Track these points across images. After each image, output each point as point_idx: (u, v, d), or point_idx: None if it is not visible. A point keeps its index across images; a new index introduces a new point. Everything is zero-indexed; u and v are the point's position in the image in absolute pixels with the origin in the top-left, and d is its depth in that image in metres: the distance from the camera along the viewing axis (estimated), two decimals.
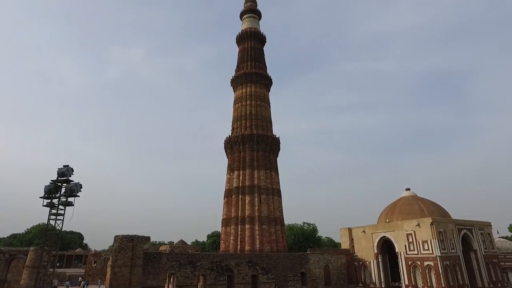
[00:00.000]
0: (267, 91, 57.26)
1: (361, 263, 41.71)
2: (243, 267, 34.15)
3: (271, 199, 48.64)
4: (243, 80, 55.40)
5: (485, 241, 41.32)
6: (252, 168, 49.20)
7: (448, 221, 38.57)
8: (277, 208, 48.89)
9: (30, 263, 27.83)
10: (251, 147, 50.28)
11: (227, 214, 48.41)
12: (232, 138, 51.97)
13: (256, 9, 63.21)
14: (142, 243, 30.34)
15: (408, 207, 43.54)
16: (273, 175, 50.60)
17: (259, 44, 59.76)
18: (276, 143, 52.98)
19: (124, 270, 27.61)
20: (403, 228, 38.09)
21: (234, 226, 46.68)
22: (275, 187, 50.02)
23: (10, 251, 38.21)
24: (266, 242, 45.26)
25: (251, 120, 52.44)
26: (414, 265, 36.29)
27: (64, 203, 20.32)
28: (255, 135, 50.56)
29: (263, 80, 56.10)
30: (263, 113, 53.91)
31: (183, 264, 31.14)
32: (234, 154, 51.20)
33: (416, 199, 44.97)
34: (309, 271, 37.99)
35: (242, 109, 53.67)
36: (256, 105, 53.64)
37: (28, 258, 28.83)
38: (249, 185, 48.07)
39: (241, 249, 44.54)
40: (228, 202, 49.12)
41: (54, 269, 23.09)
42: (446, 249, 35.56)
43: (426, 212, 41.12)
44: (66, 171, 20.52)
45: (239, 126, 52.77)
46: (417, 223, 36.81)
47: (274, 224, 47.30)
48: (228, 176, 51.21)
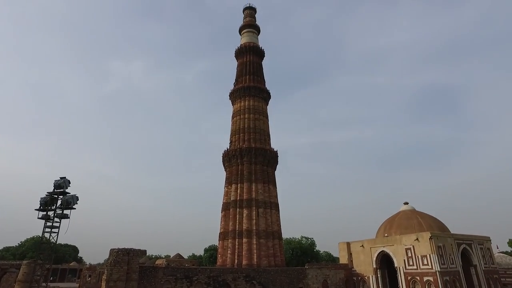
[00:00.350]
0: (266, 105, 57.62)
1: (360, 278, 41.18)
2: (240, 282, 33.62)
3: (269, 212, 48.32)
4: (241, 93, 55.81)
5: (485, 256, 41.01)
6: (250, 181, 49.04)
7: (447, 236, 38.34)
8: (275, 222, 48.51)
9: (22, 277, 27.23)
10: (249, 160, 50.24)
11: (225, 228, 47.95)
12: (230, 151, 51.96)
13: (255, 24, 64.26)
14: (138, 257, 29.91)
15: (406, 221, 43.31)
16: (271, 189, 50.40)
17: (258, 58, 60.48)
18: (274, 157, 52.99)
19: (119, 284, 27.10)
20: (402, 242, 37.81)
21: (232, 240, 46.17)
22: (273, 201, 49.75)
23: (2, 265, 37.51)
24: (264, 256, 44.71)
25: (249, 134, 52.56)
26: (414, 281, 35.87)
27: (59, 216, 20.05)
28: (253, 148, 50.59)
29: (261, 93, 56.53)
30: (261, 127, 54.09)
31: (180, 279, 30.63)
32: (232, 167, 51.10)
33: (414, 213, 44.78)
34: (307, 286, 37.41)
35: (240, 123, 53.86)
36: (254, 118, 53.87)
37: (21, 272, 28.25)
38: (246, 199, 47.81)
39: (238, 263, 43.94)
40: (225, 215, 48.74)
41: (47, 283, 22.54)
42: (445, 264, 35.23)
43: (424, 227, 40.89)
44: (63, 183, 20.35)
45: (237, 139, 52.85)
46: (416, 237, 36.57)
47: (272, 238, 46.83)
48: (226, 189, 50.97)
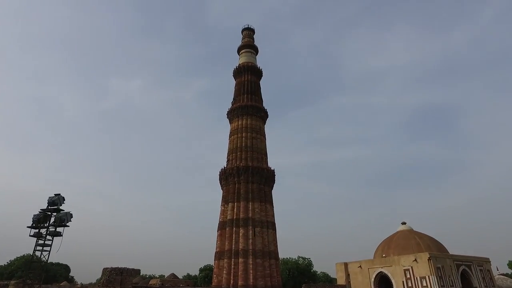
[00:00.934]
0: (263, 124, 57.98)
1: None
2: None
3: (266, 232, 47.72)
4: (239, 112, 56.22)
5: (485, 278, 40.40)
6: (246, 200, 48.67)
7: (446, 257, 37.86)
8: (271, 241, 47.86)
9: None
10: (246, 179, 50.04)
11: (221, 247, 47.18)
12: (227, 169, 51.81)
13: (253, 45, 65.53)
14: (131, 276, 29.23)
15: (404, 242, 42.84)
16: (268, 208, 49.99)
17: (256, 78, 61.32)
18: (271, 175, 52.84)
19: None
20: (400, 263, 37.25)
21: (227, 260, 45.34)
22: (269, 220, 49.25)
23: None
24: (260, 276, 43.81)
25: (247, 152, 52.59)
26: None
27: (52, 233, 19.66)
28: (250, 167, 50.50)
29: (259, 113, 56.99)
30: (259, 145, 54.21)
31: None
32: (229, 186, 50.81)
33: (412, 233, 44.37)
34: None
35: (237, 141, 53.99)
36: (251, 137, 54.05)
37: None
38: (243, 218, 47.31)
39: (234, 283, 43.00)
40: (221, 234, 48.06)
41: None
42: (445, 286, 34.63)
43: (423, 247, 40.43)
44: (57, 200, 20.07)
45: (234, 158, 52.81)
46: (414, 258, 36.08)
47: (269, 258, 46.06)
48: (222, 208, 50.50)
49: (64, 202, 20.72)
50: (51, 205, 20.03)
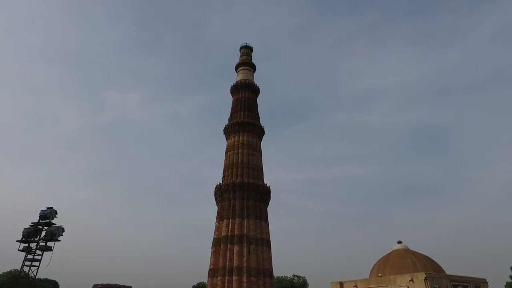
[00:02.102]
0: (259, 140, 58.13)
1: None
2: None
3: (261, 249, 47.06)
4: (235, 129, 56.44)
5: None
6: (242, 217, 48.21)
7: (443, 277, 37.42)
8: (266, 259, 47.12)
9: None
10: (241, 195, 49.73)
11: (215, 264, 46.34)
12: (223, 185, 51.52)
13: (250, 62, 66.49)
14: None
15: (400, 261, 42.37)
16: (263, 225, 49.48)
17: (253, 95, 61.91)
18: (267, 192, 52.57)
19: None
20: (396, 283, 36.72)
21: (221, 278, 44.46)
22: (264, 237, 48.66)
23: None
24: None
25: (243, 169, 52.48)
26: None
27: (42, 248, 19.20)
28: (246, 183, 50.28)
29: (255, 129, 57.23)
30: (255, 162, 54.17)
31: None
32: (224, 202, 50.42)
33: (408, 253, 43.95)
34: None
35: (233, 157, 53.95)
36: (247, 153, 54.07)
37: None
38: (238, 235, 46.72)
39: None
40: (216, 251, 47.30)
41: None
42: None
43: (419, 267, 39.98)
44: (49, 213, 19.71)
45: (230, 174, 52.63)
46: (411, 278, 35.61)
47: (263, 276, 45.22)
48: (217, 224, 49.91)
49: (56, 216, 20.37)
50: (43, 219, 19.66)
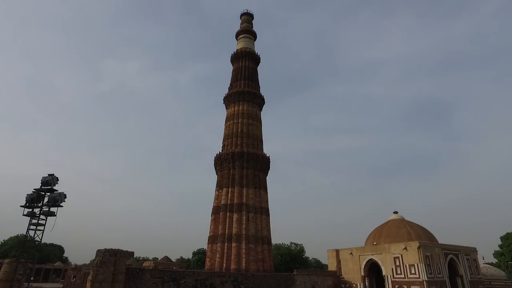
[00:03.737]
0: (259, 110, 57.79)
1: (348, 285, 41.16)
2: (228, 286, 33.35)
3: (259, 217, 48.19)
4: (235, 98, 55.93)
5: (471, 267, 41.42)
6: (241, 186, 48.94)
7: (435, 246, 38.65)
8: (264, 227, 48.39)
9: (3, 276, 26.50)
10: (241, 165, 50.19)
11: (214, 232, 47.65)
12: (222, 155, 51.87)
13: (251, 30, 64.66)
14: (125, 258, 29.47)
15: (395, 230, 43.57)
16: (262, 194, 50.35)
17: (253, 64, 60.77)
18: (266, 162, 53.03)
19: (105, 285, 26.64)
20: (390, 251, 37.99)
21: (221, 244, 45.88)
22: (263, 206, 49.68)
23: None
24: (253, 261, 44.47)
25: (242, 138, 52.59)
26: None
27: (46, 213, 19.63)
28: (245, 153, 50.60)
29: (255, 99, 56.73)
30: (254, 132, 54.18)
31: (167, 281, 30.25)
32: (224, 171, 50.98)
33: (403, 223, 45.10)
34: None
35: (233, 127, 53.89)
36: (247, 123, 53.96)
37: (2, 270, 27.53)
38: (237, 203, 47.66)
39: (226, 267, 43.63)
40: (215, 219, 48.47)
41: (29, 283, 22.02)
42: (432, 273, 35.48)
43: (413, 236, 41.18)
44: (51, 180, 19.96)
45: (229, 144, 52.82)
46: (404, 246, 36.79)
47: (261, 243, 46.67)
48: (217, 193, 50.77)
49: (57, 183, 20.63)
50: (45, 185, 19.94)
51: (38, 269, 70.90)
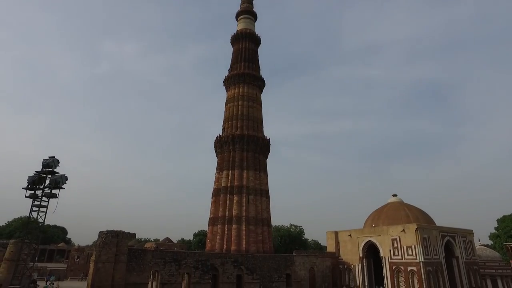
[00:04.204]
0: (259, 93, 57.36)
1: (346, 266, 42.00)
2: (228, 267, 34.03)
3: (259, 200, 48.65)
4: (235, 80, 55.40)
5: (467, 248, 42.15)
6: (241, 168, 49.17)
7: (433, 228, 39.19)
8: (264, 209, 48.92)
9: (9, 256, 27.04)
10: (241, 147, 50.25)
11: (215, 213, 48.22)
12: (223, 137, 51.86)
13: (252, 11, 63.31)
14: (127, 239, 29.92)
15: (394, 213, 44.08)
16: (262, 176, 50.65)
17: (253, 45, 59.85)
18: (266, 145, 53.08)
19: (108, 266, 27.18)
20: (389, 233, 38.55)
21: (221, 226, 46.51)
22: (263, 188, 50.07)
23: None
24: (253, 242, 45.20)
25: (242, 121, 52.45)
26: (398, 270, 36.74)
27: (48, 195, 19.78)
28: (245, 135, 50.57)
29: (255, 81, 56.19)
30: (255, 114, 53.97)
31: (168, 262, 30.85)
32: (224, 154, 51.11)
33: (402, 205, 45.56)
34: (294, 273, 38.08)
35: (233, 109, 53.64)
36: (247, 105, 53.67)
37: (7, 250, 28.06)
38: (237, 185, 48.00)
39: (227, 248, 44.38)
40: (216, 201, 48.95)
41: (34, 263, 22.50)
42: (429, 255, 36.12)
43: (411, 218, 41.70)
44: (52, 162, 20.01)
45: (230, 126, 52.71)
46: (403, 228, 37.31)
47: (261, 225, 47.30)
48: (217, 175, 51.05)
49: (58, 165, 20.70)
50: (46, 167, 20.00)
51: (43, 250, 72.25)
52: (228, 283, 33.38)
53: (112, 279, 27.04)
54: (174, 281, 30.61)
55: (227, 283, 33.31)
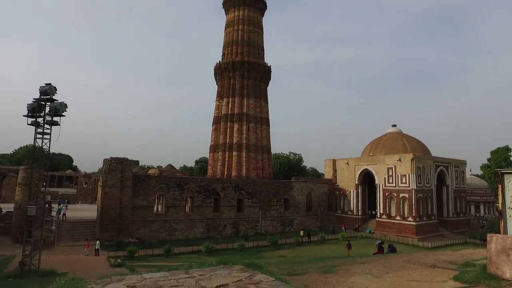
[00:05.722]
0: (261, 16, 53.94)
1: (342, 192, 44.28)
2: (229, 191, 35.80)
3: (259, 127, 49.12)
4: (236, 2, 51.64)
5: (458, 178, 44.04)
6: (241, 96, 48.64)
7: (428, 158, 40.36)
8: (264, 136, 49.68)
9: (22, 181, 28.27)
10: (241, 74, 49.04)
11: (215, 141, 49.11)
12: (223, 64, 50.30)
13: None
14: (131, 166, 30.96)
15: (392, 143, 44.94)
16: (262, 104, 50.40)
17: None
18: (267, 72, 51.76)
19: (115, 190, 28.54)
20: (385, 162, 39.79)
21: (222, 153, 47.73)
22: (263, 116, 50.20)
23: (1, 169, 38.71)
24: (253, 169, 46.86)
25: (243, 46, 50.29)
26: (390, 196, 38.83)
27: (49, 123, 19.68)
28: (246, 62, 48.96)
29: (256, 3, 52.42)
30: (255, 40, 51.53)
31: (172, 187, 32.35)
32: (224, 81, 50.11)
33: (400, 135, 46.22)
34: (292, 198, 40.26)
35: (233, 34, 51.03)
36: (248, 30, 50.93)
37: (20, 176, 29.22)
38: (238, 113, 48.02)
39: (227, 175, 46.15)
40: (216, 129, 49.46)
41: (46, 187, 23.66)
42: (422, 183, 37.81)
43: (408, 148, 42.66)
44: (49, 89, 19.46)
45: (230, 52, 50.71)
46: (399, 158, 38.41)
47: (261, 152, 48.52)
48: (217, 103, 50.75)
49: (56, 92, 20.19)
50: (44, 95, 19.50)
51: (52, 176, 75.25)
52: (229, 206, 35.49)
53: (120, 202, 28.63)
54: (178, 204, 32.49)
55: (228, 206, 35.41)
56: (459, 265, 8.08)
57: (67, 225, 29.69)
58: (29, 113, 19.45)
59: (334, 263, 10.18)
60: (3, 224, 28.46)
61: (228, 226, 35.05)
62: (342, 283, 6.75)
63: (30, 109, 19.48)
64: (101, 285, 4.34)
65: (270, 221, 38.01)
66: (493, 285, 5.87)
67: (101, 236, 27.28)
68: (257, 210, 37.19)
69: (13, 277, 16.58)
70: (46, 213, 24.91)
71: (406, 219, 36.70)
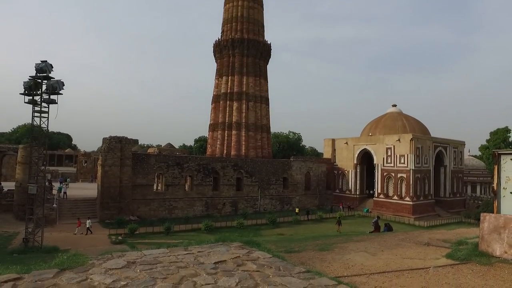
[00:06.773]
0: None
1: (341, 172, 44.60)
2: (228, 170, 36.04)
3: (259, 106, 48.85)
4: None
5: (456, 158, 44.29)
6: (241, 74, 48.05)
7: (427, 138, 40.41)
8: (264, 115, 49.48)
9: (22, 159, 28.38)
10: (241, 52, 48.24)
11: (214, 120, 48.94)
12: (222, 41, 49.38)
13: None
14: (130, 145, 31.00)
15: (391, 123, 44.86)
16: (262, 83, 49.90)
17: None
18: (267, 50, 50.93)
19: (114, 169, 28.70)
20: (384, 142, 39.87)
21: (221, 132, 47.67)
22: (263, 95, 49.82)
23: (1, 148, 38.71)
24: (252, 148, 46.94)
25: (242, 23, 49.18)
26: (388, 176, 39.15)
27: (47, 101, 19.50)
28: (245, 39, 48.05)
29: None
30: (255, 16, 50.35)
31: (171, 166, 32.52)
32: (223, 59, 49.36)
33: (400, 116, 46.08)
34: (291, 177, 40.60)
35: (233, 10, 49.79)
36: (248, 6, 49.67)
37: (19, 154, 29.29)
38: (237, 92, 47.61)
39: (227, 153, 46.27)
40: (215, 107, 49.17)
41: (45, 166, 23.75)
42: (420, 163, 38.04)
43: (408, 129, 42.64)
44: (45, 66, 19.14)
45: (229, 29, 49.67)
46: (398, 138, 38.45)
47: (261, 131, 48.47)
48: (216, 81, 50.21)
49: (52, 70, 19.88)
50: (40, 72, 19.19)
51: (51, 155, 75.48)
52: (228, 185, 35.83)
53: (120, 181, 28.86)
54: (178, 183, 32.79)
55: (227, 185, 35.75)
56: (452, 243, 8.28)
57: (68, 203, 30.10)
58: (26, 91, 19.23)
59: (331, 241, 10.40)
60: (5, 202, 28.85)
61: (227, 205, 35.51)
62: (337, 260, 6.92)
63: (26, 87, 19.23)
64: (102, 260, 4.44)
65: (269, 200, 38.50)
66: (483, 261, 6.04)
67: (102, 214, 27.69)
68: (256, 189, 37.58)
69: (18, 252, 17.00)
70: (47, 191, 25.15)
71: (403, 199, 37.18)
